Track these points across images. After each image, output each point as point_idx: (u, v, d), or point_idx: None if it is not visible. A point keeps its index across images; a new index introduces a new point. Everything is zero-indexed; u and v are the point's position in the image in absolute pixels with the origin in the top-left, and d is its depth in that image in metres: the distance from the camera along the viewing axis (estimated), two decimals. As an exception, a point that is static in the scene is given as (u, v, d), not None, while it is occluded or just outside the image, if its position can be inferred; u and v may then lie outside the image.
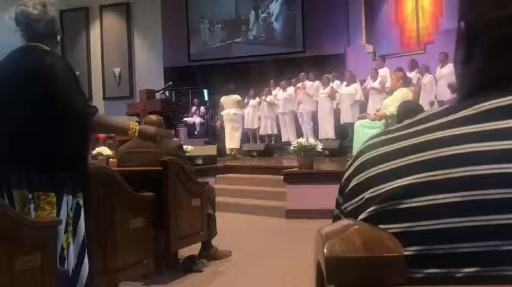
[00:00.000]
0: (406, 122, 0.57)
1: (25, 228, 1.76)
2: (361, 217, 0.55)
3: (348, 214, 0.59)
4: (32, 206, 2.03)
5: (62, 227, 2.05)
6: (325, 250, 0.47)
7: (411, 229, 0.50)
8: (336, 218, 0.65)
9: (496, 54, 0.53)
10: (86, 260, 2.17)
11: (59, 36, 2.20)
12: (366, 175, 0.56)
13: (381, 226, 0.51)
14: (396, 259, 0.46)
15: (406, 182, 0.51)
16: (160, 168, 3.42)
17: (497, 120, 0.49)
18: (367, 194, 0.55)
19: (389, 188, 0.52)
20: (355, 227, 0.49)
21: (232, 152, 9.42)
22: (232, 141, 9.51)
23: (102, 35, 14.28)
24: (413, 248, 0.49)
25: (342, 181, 0.63)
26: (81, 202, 2.17)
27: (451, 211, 0.48)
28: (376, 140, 0.59)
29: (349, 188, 0.59)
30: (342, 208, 0.62)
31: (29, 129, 2.05)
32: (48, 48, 2.14)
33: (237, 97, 9.72)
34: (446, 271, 0.47)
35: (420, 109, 4.18)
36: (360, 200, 0.56)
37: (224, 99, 9.71)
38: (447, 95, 7.76)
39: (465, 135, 0.49)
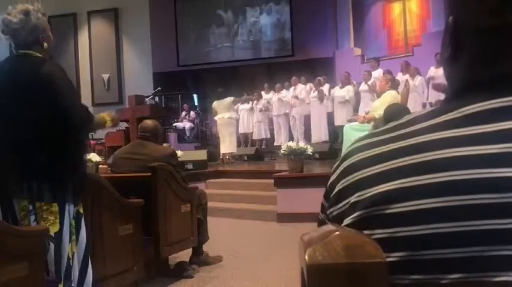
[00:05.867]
0: (392, 124, 0.57)
1: (10, 237, 1.74)
2: (346, 222, 0.54)
3: (333, 219, 0.58)
4: (32, 217, 2.01)
5: (66, 237, 2.05)
6: (306, 257, 0.47)
7: (396, 235, 0.49)
8: (321, 223, 0.65)
9: (483, 59, 0.52)
10: (90, 269, 2.17)
11: (45, 44, 2.16)
12: (351, 179, 0.56)
13: (366, 232, 0.51)
14: (378, 265, 0.46)
15: (392, 187, 0.50)
16: (149, 174, 3.40)
17: (481, 124, 0.48)
18: (352, 199, 0.54)
19: (374, 193, 0.52)
20: (337, 233, 0.48)
21: (227, 157, 9.29)
22: (228, 146, 9.32)
23: (90, 41, 14.22)
24: (399, 254, 0.48)
25: (328, 185, 0.62)
26: (81, 210, 2.16)
27: (436, 216, 0.47)
28: (361, 143, 0.58)
29: (334, 192, 0.59)
30: (328, 212, 0.61)
31: (28, 140, 2.04)
32: (40, 55, 2.13)
33: (230, 99, 9.43)
34: (431, 277, 0.47)
35: (406, 112, 4.20)
36: (345, 205, 0.56)
37: (217, 104, 9.36)
38: (440, 96, 7.82)
39: (450, 140, 0.49)
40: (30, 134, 2.03)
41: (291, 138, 9.86)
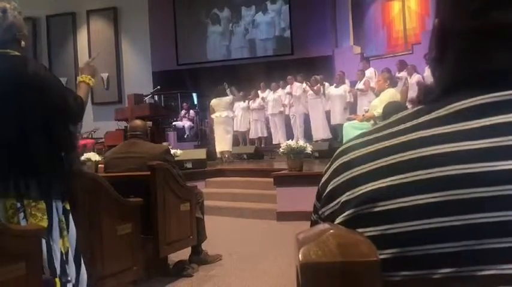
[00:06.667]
0: (383, 123, 0.58)
1: (8, 237, 1.73)
2: (337, 221, 0.54)
3: (325, 219, 0.59)
4: (21, 215, 2.00)
5: (56, 232, 2.04)
6: (299, 256, 0.46)
7: (387, 232, 0.49)
8: (313, 224, 0.65)
9: (468, 59, 0.53)
10: (83, 266, 2.16)
11: (23, 42, 2.14)
12: (342, 178, 0.56)
13: (358, 230, 0.51)
14: (372, 264, 0.46)
15: (381, 185, 0.51)
16: (148, 173, 3.39)
17: (469, 120, 0.49)
18: (343, 198, 0.55)
19: (364, 191, 0.52)
20: (331, 231, 0.48)
21: (226, 155, 9.29)
22: (223, 144, 9.32)
23: (89, 40, 14.22)
24: (390, 251, 0.49)
25: (320, 185, 0.62)
26: (67, 206, 2.15)
27: (426, 211, 0.48)
28: (352, 143, 0.59)
29: (326, 192, 0.59)
30: (320, 213, 0.61)
31: (14, 137, 2.03)
32: (18, 54, 2.11)
33: (230, 99, 9.46)
34: (422, 272, 0.47)
35: (404, 109, 4.20)
36: (336, 204, 0.56)
37: (215, 102, 9.35)
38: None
39: (436, 137, 0.50)
40: (16, 131, 2.02)
41: (289, 136, 9.86)
